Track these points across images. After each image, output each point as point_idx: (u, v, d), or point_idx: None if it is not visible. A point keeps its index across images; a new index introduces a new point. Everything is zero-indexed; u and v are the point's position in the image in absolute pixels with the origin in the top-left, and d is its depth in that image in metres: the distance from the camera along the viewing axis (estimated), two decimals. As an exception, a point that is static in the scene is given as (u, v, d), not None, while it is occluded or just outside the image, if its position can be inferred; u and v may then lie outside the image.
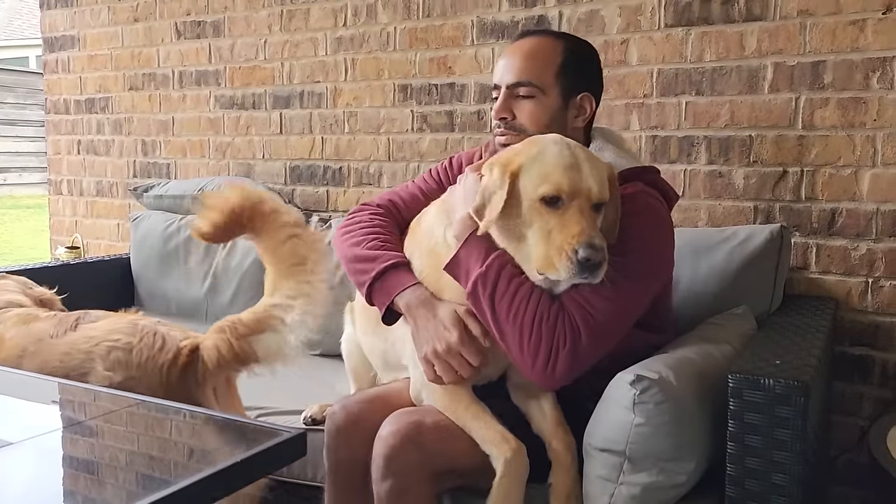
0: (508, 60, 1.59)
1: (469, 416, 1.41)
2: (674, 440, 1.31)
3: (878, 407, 1.99)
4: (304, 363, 2.37)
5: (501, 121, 1.58)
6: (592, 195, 1.33)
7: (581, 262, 1.27)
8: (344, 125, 2.79)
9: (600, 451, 1.36)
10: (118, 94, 3.39)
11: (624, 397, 1.32)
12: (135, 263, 2.89)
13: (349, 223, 1.71)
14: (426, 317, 1.46)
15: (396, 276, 1.53)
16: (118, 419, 1.21)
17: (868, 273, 1.99)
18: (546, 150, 1.38)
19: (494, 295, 1.37)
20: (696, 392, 1.35)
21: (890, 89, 1.93)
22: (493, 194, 1.37)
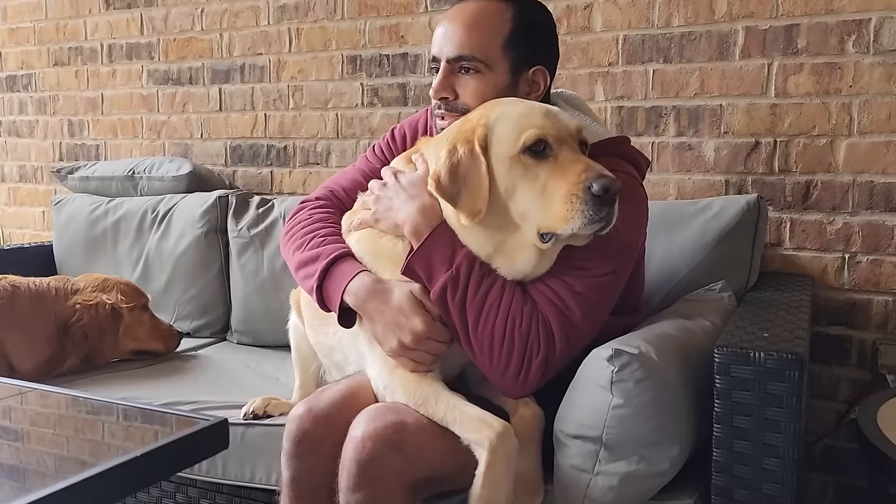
0: (448, 29, 1.37)
1: (443, 406, 1.23)
2: (656, 423, 1.17)
3: (856, 389, 1.89)
4: (246, 354, 2.20)
5: (442, 101, 1.38)
6: (577, 135, 1.21)
7: (598, 196, 1.12)
8: (288, 100, 2.60)
9: (573, 437, 1.21)
10: (42, 71, 3.12)
11: (600, 376, 1.17)
12: (58, 250, 2.64)
13: (290, 227, 1.53)
14: (380, 309, 1.29)
15: (339, 270, 1.35)
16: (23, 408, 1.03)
17: (844, 248, 1.89)
18: (510, 107, 1.26)
19: (465, 299, 1.24)
20: (679, 369, 1.22)
21: (866, 53, 1.83)
22: (469, 172, 1.21)
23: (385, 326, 1.28)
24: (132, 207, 2.52)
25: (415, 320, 1.26)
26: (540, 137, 1.19)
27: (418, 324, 1.25)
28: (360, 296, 1.31)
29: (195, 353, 2.24)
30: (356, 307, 1.32)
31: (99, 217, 2.55)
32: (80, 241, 2.56)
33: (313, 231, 1.46)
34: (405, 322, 1.26)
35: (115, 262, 2.50)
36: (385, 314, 1.28)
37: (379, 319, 1.29)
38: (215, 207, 2.37)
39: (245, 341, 2.30)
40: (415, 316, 1.26)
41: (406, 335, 1.26)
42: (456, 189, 1.22)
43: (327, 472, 1.26)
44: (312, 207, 1.55)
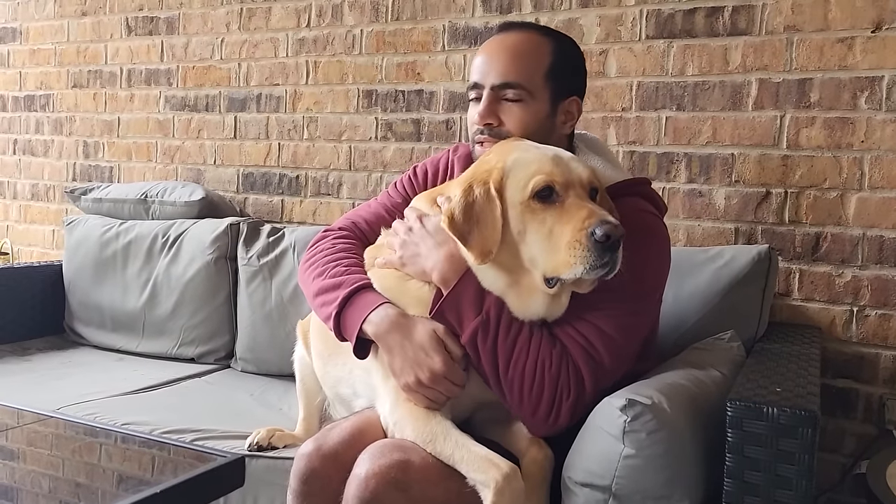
0: (492, 58, 1.42)
1: (451, 445, 1.23)
2: (666, 475, 1.16)
3: (862, 443, 1.88)
4: (250, 382, 2.19)
5: (486, 126, 1.41)
6: (586, 182, 1.23)
7: (600, 243, 1.14)
8: (303, 131, 2.63)
9: (582, 485, 1.20)
10: (60, 92, 3.16)
11: (612, 425, 1.17)
12: (67, 270, 2.64)
13: (311, 255, 1.54)
14: (401, 343, 1.30)
15: (362, 300, 1.35)
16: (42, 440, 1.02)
17: (853, 301, 1.90)
18: (525, 152, 1.29)
19: (496, 344, 1.26)
20: (690, 421, 1.21)
21: (878, 110, 1.85)
22: (483, 213, 1.23)
23: (404, 361, 1.29)
24: (143, 231, 2.53)
25: (435, 359, 1.26)
26: (547, 184, 1.21)
27: (438, 363, 1.26)
28: (381, 327, 1.32)
29: (199, 379, 2.23)
30: (376, 337, 1.33)
31: (110, 239, 2.56)
32: (90, 263, 2.56)
33: (336, 260, 1.47)
34: (425, 359, 1.27)
35: (123, 284, 2.50)
36: (406, 349, 1.29)
37: (398, 353, 1.30)
38: (226, 234, 2.38)
39: (249, 369, 2.30)
40: (436, 354, 1.27)
41: (424, 372, 1.26)
42: (469, 228, 1.24)
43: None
44: (336, 237, 1.55)
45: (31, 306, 2.58)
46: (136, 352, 2.46)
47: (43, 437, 1.09)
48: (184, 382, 2.19)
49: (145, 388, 2.10)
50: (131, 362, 2.39)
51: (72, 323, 2.61)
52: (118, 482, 0.97)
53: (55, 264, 2.71)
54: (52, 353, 2.47)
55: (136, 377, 2.20)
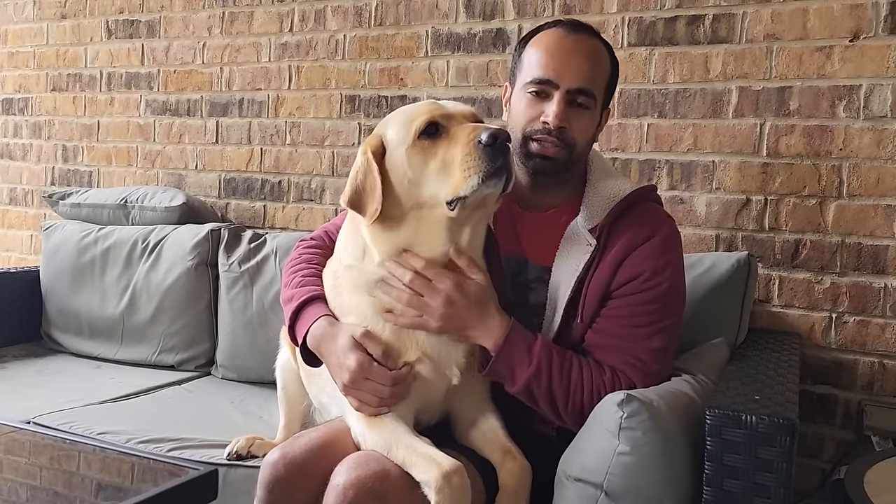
0: (570, 59, 1.37)
1: (402, 450, 1.23)
2: (660, 477, 1.15)
3: (841, 449, 1.89)
4: (231, 389, 2.17)
5: (559, 129, 1.37)
6: (469, 115, 1.26)
7: (489, 146, 1.17)
8: (285, 136, 2.61)
9: (575, 480, 1.20)
10: (39, 95, 3.12)
11: (609, 420, 1.17)
12: (44, 277, 2.61)
13: (286, 263, 1.57)
14: (330, 350, 1.32)
15: (307, 312, 1.38)
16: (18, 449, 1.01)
17: (832, 308, 1.91)
18: (396, 112, 1.33)
19: (551, 390, 1.30)
20: (686, 427, 1.21)
21: (856, 118, 1.87)
22: (366, 179, 1.27)
23: (332, 367, 1.33)
24: (122, 237, 2.50)
25: (350, 359, 1.28)
26: (430, 121, 1.23)
27: (352, 362, 1.27)
28: (316, 337, 1.35)
29: (179, 386, 2.21)
30: (314, 349, 1.36)
31: (88, 245, 2.53)
32: (67, 269, 2.53)
33: (297, 271, 1.49)
34: (343, 361, 1.29)
35: (102, 291, 2.47)
36: (332, 355, 1.32)
37: (329, 360, 1.34)
38: (207, 241, 2.36)
39: (230, 377, 2.28)
40: (350, 354, 1.28)
41: (345, 374, 1.28)
42: (359, 199, 1.27)
43: None
44: (305, 247, 1.57)
45: (8, 313, 2.54)
46: (114, 359, 2.43)
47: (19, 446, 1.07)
48: (163, 390, 2.16)
49: (124, 396, 2.08)
50: (110, 370, 2.36)
51: (49, 330, 2.58)
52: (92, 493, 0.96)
53: (32, 270, 2.68)
54: (29, 360, 2.43)
55: (115, 385, 2.17)
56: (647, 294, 1.32)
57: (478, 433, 1.37)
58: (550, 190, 1.45)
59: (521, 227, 1.46)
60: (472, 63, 2.29)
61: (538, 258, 1.44)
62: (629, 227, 1.36)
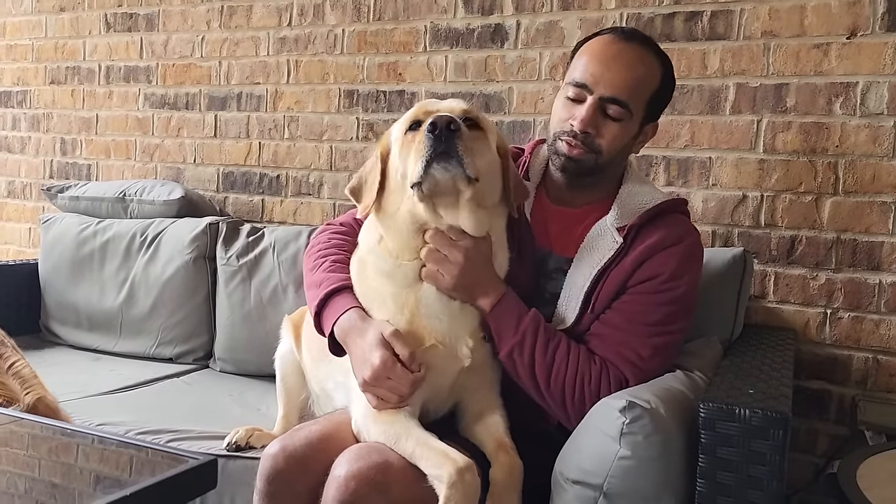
0: (609, 66, 1.37)
1: (412, 443, 1.24)
2: (658, 478, 1.17)
3: (835, 444, 1.91)
4: (229, 382, 2.18)
5: (584, 134, 1.39)
6: (455, 109, 1.29)
7: (431, 133, 1.21)
8: (284, 130, 2.62)
9: (573, 483, 1.21)
10: (38, 88, 3.12)
11: (610, 426, 1.18)
12: (43, 269, 2.61)
13: (311, 245, 1.57)
14: (357, 343, 1.33)
15: (336, 302, 1.39)
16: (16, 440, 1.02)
17: (827, 304, 1.93)
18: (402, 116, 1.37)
19: (533, 364, 1.33)
20: (682, 425, 1.22)
21: (853, 115, 1.88)
22: (370, 173, 1.36)
23: (356, 361, 1.33)
24: (121, 230, 2.51)
25: (374, 356, 1.28)
26: (414, 119, 1.30)
27: (376, 360, 1.28)
28: (344, 329, 1.36)
29: (177, 379, 2.22)
30: (341, 340, 1.37)
31: (87, 238, 2.53)
32: (66, 261, 2.54)
33: (325, 255, 1.50)
34: (369, 358, 1.29)
35: (100, 284, 2.48)
36: (358, 348, 1.33)
37: (354, 353, 1.34)
38: (205, 234, 2.37)
39: (228, 369, 2.29)
40: (376, 352, 1.29)
41: (367, 370, 1.29)
42: (360, 190, 1.38)
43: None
44: (333, 232, 1.57)
45: (6, 305, 2.55)
46: (113, 351, 2.44)
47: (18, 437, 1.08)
48: (161, 382, 2.17)
49: (122, 389, 2.09)
50: (108, 362, 2.37)
51: (48, 322, 2.58)
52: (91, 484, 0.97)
53: (31, 263, 2.68)
54: (28, 352, 2.39)
55: (114, 377, 2.18)
56: (661, 296, 1.35)
57: (481, 426, 1.38)
58: (583, 189, 1.47)
59: (551, 222, 1.49)
60: (471, 58, 2.30)
61: (561, 250, 1.46)
62: (657, 231, 1.39)
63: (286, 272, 2.20)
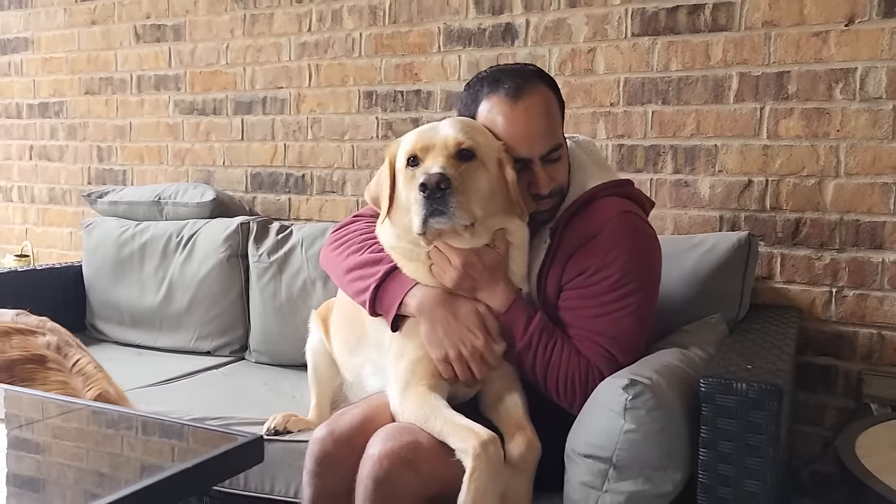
0: (528, 132, 1.46)
1: (440, 422, 1.35)
2: (663, 448, 1.27)
3: (842, 416, 1.99)
4: (264, 372, 2.32)
5: (549, 191, 1.49)
6: (449, 143, 1.39)
7: (421, 188, 1.32)
8: (307, 132, 2.74)
9: (584, 457, 1.31)
10: (73, 99, 3.28)
11: (615, 402, 1.28)
12: (87, 271, 2.77)
13: (343, 233, 1.67)
14: (445, 317, 1.43)
15: (400, 277, 1.49)
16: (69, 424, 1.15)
17: (832, 283, 2.00)
18: (412, 132, 1.49)
19: (534, 363, 1.45)
20: (683, 399, 1.32)
21: (853, 100, 1.95)
22: (383, 183, 1.49)
23: (446, 335, 1.43)
24: (158, 232, 2.65)
25: (479, 336, 1.42)
26: (411, 154, 1.42)
27: (481, 341, 1.42)
28: (426, 300, 1.45)
29: (215, 370, 2.36)
30: (419, 310, 1.46)
31: (127, 240, 2.68)
32: (108, 263, 2.69)
33: (367, 239, 1.60)
34: (468, 335, 1.42)
35: (140, 283, 2.63)
36: (450, 323, 1.43)
37: (442, 327, 1.44)
38: (237, 233, 2.50)
39: (263, 360, 2.42)
40: (480, 333, 1.42)
41: (467, 348, 1.41)
42: (377, 198, 1.52)
43: (346, 490, 1.37)
44: (367, 222, 1.67)
45: (54, 306, 2.66)
46: (155, 346, 2.59)
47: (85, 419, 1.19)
48: (201, 374, 2.31)
49: (166, 381, 2.23)
50: (151, 356, 2.53)
51: (93, 321, 2.74)
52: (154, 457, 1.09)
53: (75, 265, 2.84)
54: (76, 349, 2.59)
55: (157, 370, 2.32)
56: (594, 288, 1.44)
57: (502, 408, 1.48)
58: None
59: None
60: (483, 57, 2.40)
61: None
62: (577, 226, 1.48)
63: (314, 267, 2.32)
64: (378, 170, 1.56)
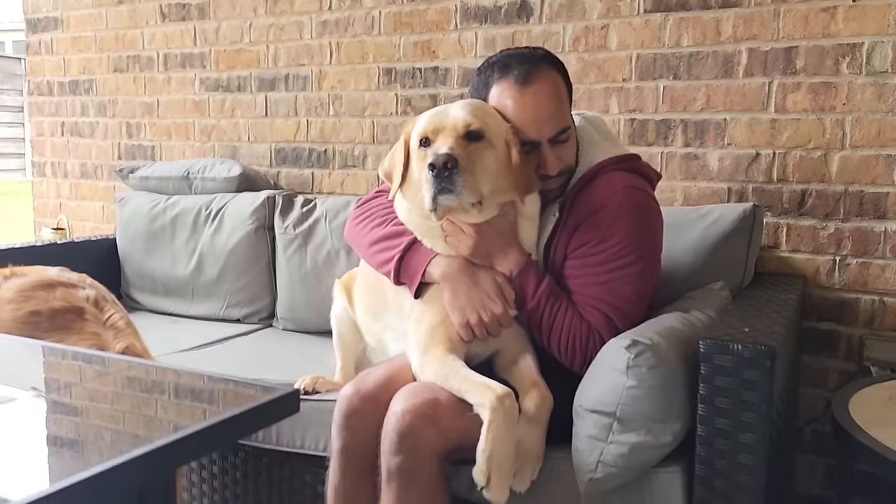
0: (537, 116, 1.53)
1: (458, 380, 1.46)
2: (663, 402, 1.37)
3: (843, 379, 2.08)
4: (291, 339, 2.44)
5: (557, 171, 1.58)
6: (458, 125, 1.47)
7: (430, 168, 1.41)
8: (329, 108, 2.83)
9: (591, 412, 1.42)
10: (102, 76, 3.39)
11: (618, 361, 1.39)
12: (121, 243, 2.90)
13: (366, 208, 1.78)
14: (468, 285, 1.54)
15: (423, 247, 1.60)
16: (116, 379, 1.26)
17: (836, 252, 2.08)
18: (426, 113, 1.57)
19: (541, 323, 1.56)
20: (683, 358, 1.42)
21: (859, 74, 2.00)
22: (396, 161, 1.58)
23: (468, 301, 1.54)
24: (188, 205, 2.77)
25: (498, 304, 1.53)
26: (423, 135, 1.51)
27: (500, 308, 1.53)
28: (450, 269, 1.56)
29: (245, 337, 2.49)
30: (443, 277, 1.57)
31: (158, 213, 2.81)
32: (141, 235, 2.82)
33: (388, 213, 1.71)
34: (488, 303, 1.53)
35: (172, 254, 2.76)
36: (472, 291, 1.54)
37: (464, 293, 1.55)
38: (264, 206, 2.61)
39: (290, 327, 2.54)
40: (500, 300, 1.53)
41: (486, 314, 1.53)
42: (390, 174, 1.61)
43: (371, 443, 1.49)
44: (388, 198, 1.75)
45: (91, 276, 2.84)
46: (187, 314, 2.73)
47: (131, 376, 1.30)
48: (232, 340, 2.44)
49: (199, 346, 2.36)
50: (184, 324, 2.66)
51: (128, 290, 2.88)
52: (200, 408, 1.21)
53: (110, 238, 2.98)
54: (113, 317, 2.73)
55: (190, 336, 2.45)
56: (596, 258, 1.54)
57: (515, 369, 1.60)
58: None
59: None
60: (499, 34, 2.46)
61: None
62: (584, 199, 1.57)
63: (338, 238, 2.43)
64: (388, 153, 1.66)
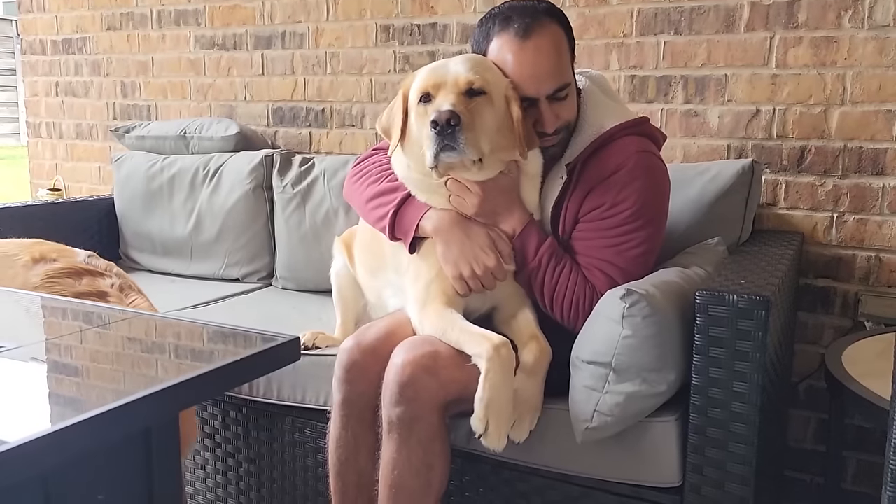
0: (535, 72, 1.51)
1: (456, 332, 1.48)
2: (657, 352, 1.39)
3: (839, 335, 2.09)
4: (291, 297, 2.46)
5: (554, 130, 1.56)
6: (459, 81, 1.46)
7: (432, 125, 1.41)
8: (326, 66, 2.80)
9: (587, 363, 1.44)
10: (96, 35, 3.35)
11: (613, 311, 1.40)
12: (119, 203, 2.90)
13: (363, 166, 1.78)
14: (460, 238, 1.55)
15: (416, 202, 1.60)
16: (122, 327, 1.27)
17: (833, 208, 2.08)
18: (426, 67, 1.56)
19: (543, 284, 1.56)
20: (678, 309, 1.43)
21: (861, 28, 1.98)
22: (395, 116, 1.56)
23: (461, 254, 1.55)
24: (185, 165, 2.76)
25: (491, 257, 1.54)
26: (424, 91, 1.49)
27: (493, 261, 1.53)
28: (443, 223, 1.57)
29: (245, 296, 2.50)
30: (436, 231, 1.57)
31: (156, 173, 2.80)
32: (139, 195, 2.81)
33: (384, 170, 1.71)
34: (481, 255, 1.54)
35: (171, 214, 2.75)
36: (464, 244, 1.55)
37: (457, 247, 1.55)
38: (262, 165, 2.61)
39: (289, 286, 2.56)
40: (492, 253, 1.54)
41: (479, 267, 1.53)
42: (388, 128, 1.61)
43: (372, 395, 1.52)
44: (385, 154, 1.76)
45: (90, 236, 2.84)
46: (186, 274, 2.74)
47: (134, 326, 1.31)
48: (232, 299, 2.45)
49: (199, 304, 2.37)
50: (183, 283, 2.67)
51: (127, 250, 2.89)
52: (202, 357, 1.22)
53: (107, 198, 2.97)
54: (113, 277, 2.74)
55: (190, 295, 2.46)
56: (607, 221, 1.54)
57: (514, 323, 1.61)
58: None
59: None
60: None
61: None
62: (596, 164, 1.55)
63: (336, 197, 2.43)
64: (386, 109, 1.65)
